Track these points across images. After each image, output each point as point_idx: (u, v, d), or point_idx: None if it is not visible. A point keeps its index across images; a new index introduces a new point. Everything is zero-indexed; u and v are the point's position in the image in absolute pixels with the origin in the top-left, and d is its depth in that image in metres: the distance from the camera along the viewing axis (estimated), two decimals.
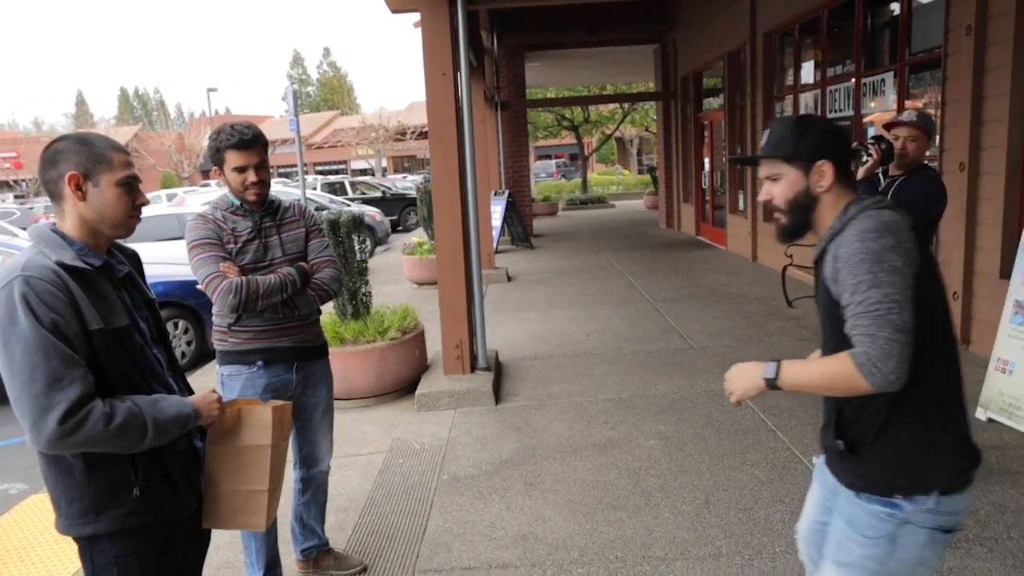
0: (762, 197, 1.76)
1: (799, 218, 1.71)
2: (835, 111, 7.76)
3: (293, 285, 2.56)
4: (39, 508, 3.77)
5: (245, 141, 2.49)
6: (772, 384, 1.65)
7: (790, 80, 9.06)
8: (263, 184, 2.55)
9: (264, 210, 2.62)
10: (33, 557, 3.28)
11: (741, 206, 10.74)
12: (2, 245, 6.43)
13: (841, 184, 1.67)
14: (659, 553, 2.98)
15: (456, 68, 5.02)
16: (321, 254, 2.70)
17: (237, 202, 2.59)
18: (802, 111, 8.68)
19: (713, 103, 12.60)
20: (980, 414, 4.07)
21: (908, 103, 6.37)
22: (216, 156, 2.52)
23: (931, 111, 5.74)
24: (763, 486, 3.50)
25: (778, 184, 1.71)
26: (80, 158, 1.64)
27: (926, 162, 3.44)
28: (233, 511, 1.86)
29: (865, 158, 3.21)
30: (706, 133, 12.98)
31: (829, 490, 1.79)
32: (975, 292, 5.20)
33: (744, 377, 1.73)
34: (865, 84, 7.06)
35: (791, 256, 7.25)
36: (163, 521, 1.70)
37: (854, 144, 3.30)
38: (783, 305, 7.15)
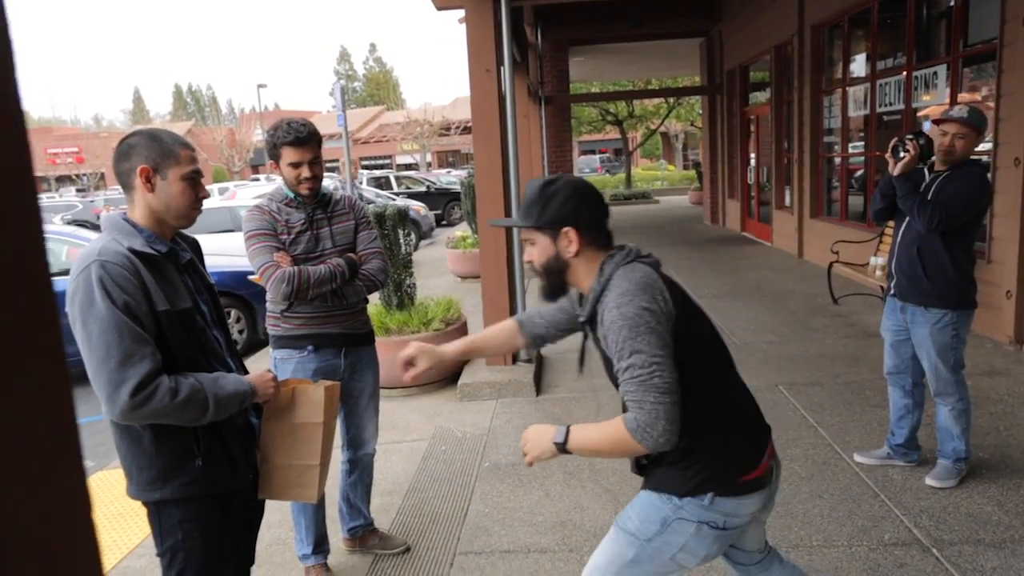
0: (525, 259, 1.86)
1: (555, 280, 1.80)
2: (886, 105, 7.61)
3: (342, 275, 2.67)
4: (106, 483, 3.99)
5: (300, 138, 2.61)
6: (562, 448, 1.71)
7: (839, 74, 8.90)
8: (316, 179, 2.67)
9: (316, 203, 2.74)
10: (101, 529, 3.48)
11: (787, 202, 10.59)
12: (69, 236, 6.76)
13: (590, 246, 1.75)
14: None
15: (500, 64, 5.10)
16: (369, 246, 2.81)
17: (291, 194, 2.71)
18: (851, 105, 8.53)
19: (760, 97, 12.43)
20: None
21: (962, 96, 6.22)
22: (273, 151, 2.65)
23: (988, 104, 5.60)
24: (802, 481, 3.50)
25: (534, 248, 1.79)
26: (151, 152, 1.78)
27: (975, 157, 3.37)
28: (287, 484, 1.99)
29: (902, 153, 3.17)
30: (752, 128, 12.81)
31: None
32: None
33: (539, 440, 1.76)
34: (917, 77, 6.90)
35: (837, 253, 7.15)
36: (223, 491, 1.83)
37: (893, 140, 3.27)
38: (829, 303, 7.05)
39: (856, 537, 2.98)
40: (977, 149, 3.35)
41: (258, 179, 31.73)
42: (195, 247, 2.03)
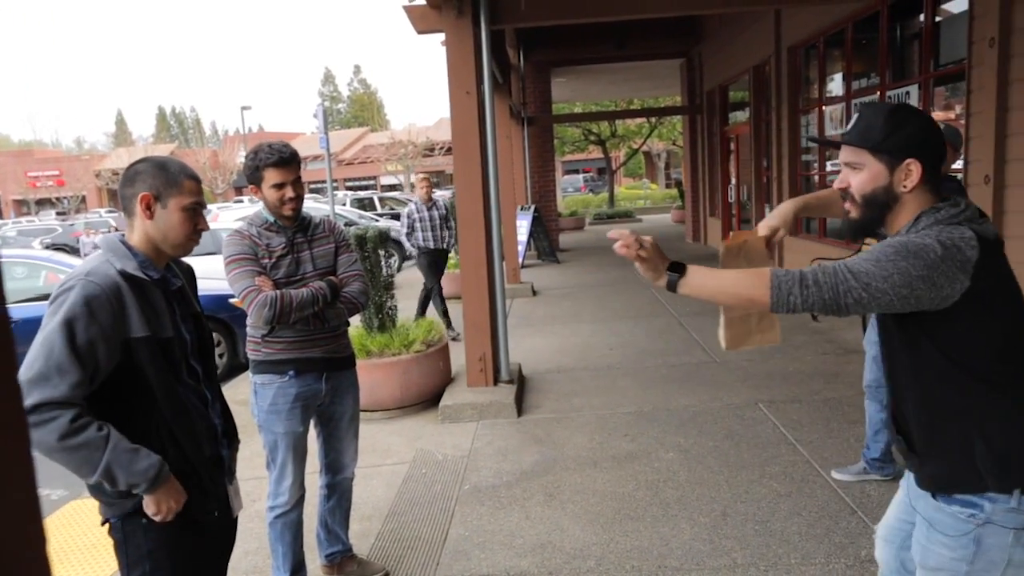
0: (838, 184, 1.66)
1: (873, 215, 1.61)
2: None
3: (324, 299, 2.67)
4: (79, 513, 3.93)
5: (284, 159, 2.62)
6: (673, 284, 1.63)
7: (815, 94, 9.05)
8: (299, 199, 2.69)
9: (297, 226, 2.75)
10: (73, 560, 3.43)
11: None
12: (46, 260, 6.71)
13: (926, 187, 1.56)
14: (675, 563, 3.02)
15: (480, 86, 5.15)
16: (350, 269, 2.81)
17: (272, 219, 2.72)
18: (827, 125, 8.67)
19: (739, 117, 12.60)
20: None
21: (936, 115, 6.34)
22: (255, 174, 2.65)
23: (960, 123, 5.72)
24: (781, 499, 3.52)
25: (858, 175, 1.60)
26: (155, 180, 1.80)
27: (951, 174, 3.45)
28: (749, 332, 2.06)
29: None
30: (732, 147, 12.97)
31: (913, 492, 1.72)
32: None
33: (657, 260, 1.67)
34: (890, 96, 7.04)
35: None
36: (190, 517, 1.82)
37: None
38: (808, 319, 7.12)
39: (834, 554, 2.99)
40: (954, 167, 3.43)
41: (241, 201, 31.66)
42: (188, 274, 2.04)
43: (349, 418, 2.96)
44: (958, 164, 5.53)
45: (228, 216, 16.79)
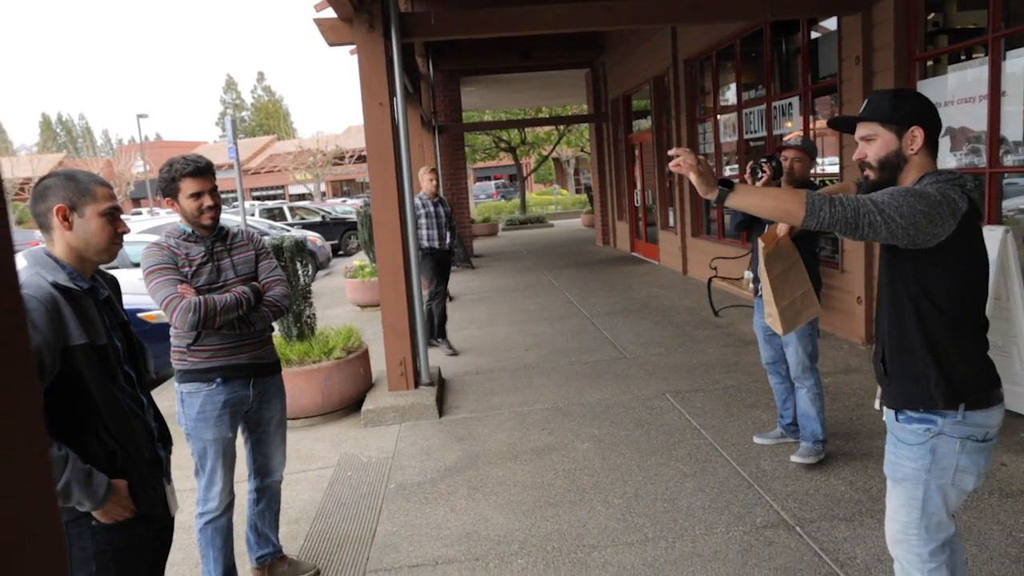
0: (856, 156, 1.99)
1: (887, 176, 1.94)
2: (751, 132, 8.32)
3: (248, 302, 2.75)
4: None
5: (200, 168, 2.69)
6: (722, 198, 1.93)
7: (710, 103, 9.64)
8: (217, 208, 2.76)
9: (215, 235, 2.81)
10: None
11: (672, 222, 11.26)
12: None
13: (927, 151, 1.92)
14: (591, 542, 3.25)
15: (392, 97, 5.28)
16: (271, 274, 2.90)
17: (189, 230, 2.78)
18: (721, 132, 9.25)
19: (642, 124, 13.18)
20: (877, 404, 4.51)
21: (819, 123, 6.93)
22: (170, 186, 2.70)
23: (822, 136, 6.29)
24: (686, 478, 3.83)
25: (872, 144, 1.94)
26: (67, 192, 1.85)
27: (811, 179, 3.90)
28: (797, 312, 2.54)
29: (760, 174, 3.63)
30: (637, 153, 13.54)
31: (889, 420, 2.11)
32: (875, 296, 5.70)
33: (706, 173, 1.94)
34: (776, 107, 7.62)
35: (716, 268, 7.72)
36: (139, 509, 1.89)
37: (750, 163, 3.72)
38: (710, 315, 7.59)
39: (733, 523, 3.30)
40: (816, 171, 3.86)
41: (140, 212, 30.24)
42: (113, 284, 2.09)
43: (277, 422, 3.04)
44: (835, 169, 6.09)
45: (131, 227, 16.06)
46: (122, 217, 1.97)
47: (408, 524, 3.57)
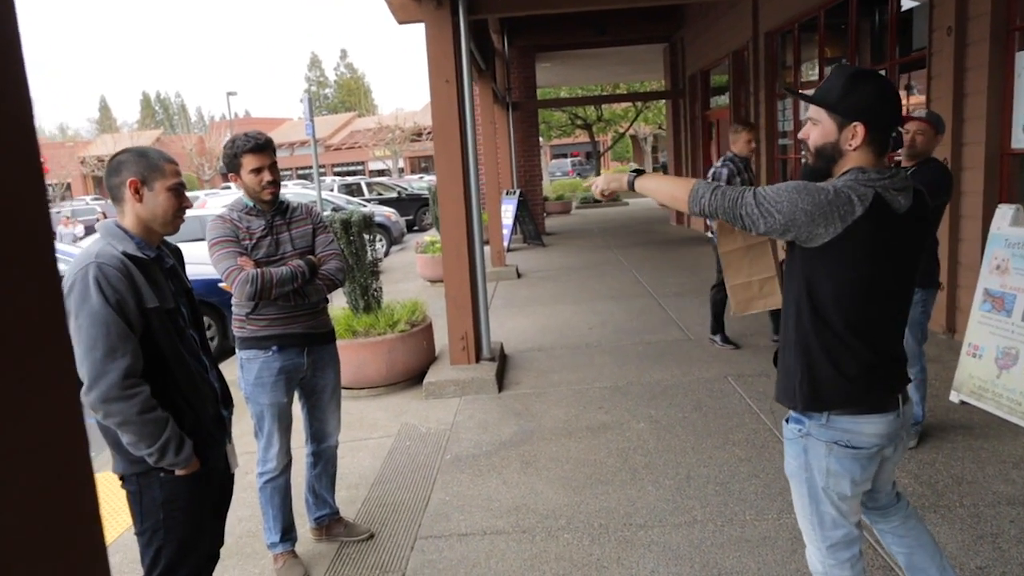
0: (801, 135, 1.93)
1: (821, 165, 1.86)
2: None
3: (303, 276, 2.86)
4: None
5: (260, 145, 2.80)
6: (631, 184, 2.08)
7: (791, 78, 9.25)
8: (276, 183, 2.87)
9: (275, 210, 2.93)
10: None
11: None
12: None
13: (869, 148, 1.78)
14: (639, 521, 3.25)
15: (459, 75, 5.31)
16: (327, 248, 3.00)
17: (251, 203, 2.90)
18: (802, 109, 8.87)
19: (720, 101, 12.78)
20: (953, 396, 4.29)
21: (911, 99, 6.55)
22: (233, 162, 2.83)
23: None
24: (741, 463, 3.76)
25: (815, 129, 1.85)
26: (138, 167, 1.99)
27: (934, 155, 3.65)
28: (751, 297, 2.34)
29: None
30: (714, 130, 13.16)
31: None
32: (959, 283, 5.40)
33: (613, 176, 2.18)
34: None
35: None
36: (205, 466, 2.05)
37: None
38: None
39: (785, 511, 3.23)
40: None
41: (229, 187, 31.56)
42: (177, 254, 2.24)
43: (331, 390, 3.16)
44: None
45: (216, 203, 16.85)
46: (185, 192, 2.10)
47: (460, 494, 3.66)
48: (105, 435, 1.99)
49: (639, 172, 2.08)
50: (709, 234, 4.60)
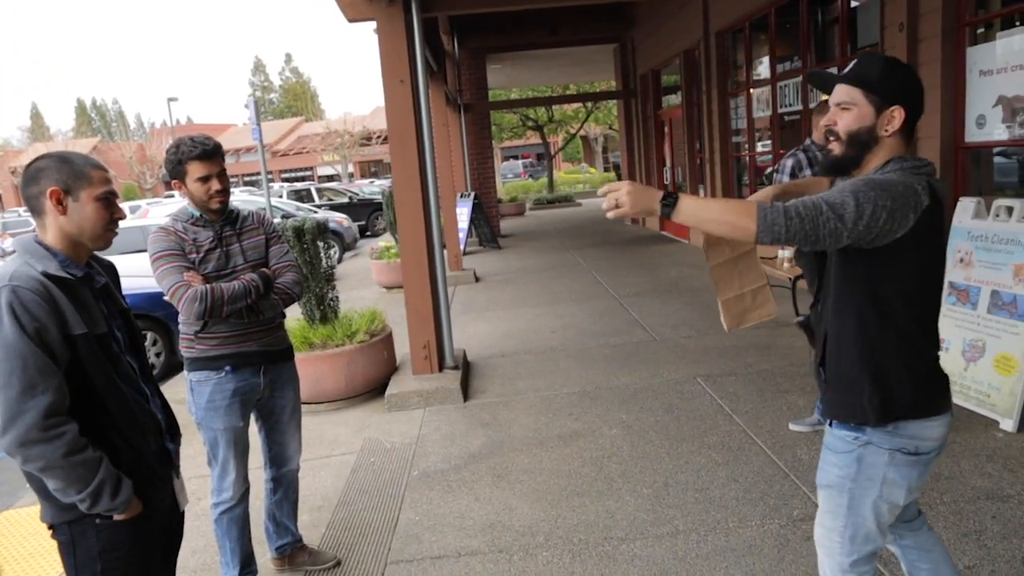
0: (825, 122, 1.78)
1: (853, 153, 1.73)
2: (786, 105, 8.01)
3: (256, 290, 2.65)
4: (13, 522, 3.81)
5: (207, 151, 2.58)
6: (667, 212, 1.67)
7: (743, 77, 9.32)
8: (226, 192, 2.65)
9: (224, 219, 2.71)
10: (12, 570, 3.33)
11: None
12: None
13: (902, 136, 1.71)
14: (619, 534, 3.13)
15: (414, 75, 5.13)
16: (282, 259, 2.80)
17: (197, 213, 2.68)
18: (755, 107, 8.94)
19: (672, 100, 12.85)
20: None
21: None
22: (177, 168, 2.60)
23: None
24: (719, 467, 3.67)
25: (847, 114, 1.72)
26: (60, 175, 1.75)
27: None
28: (745, 310, 2.16)
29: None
30: (666, 129, 13.23)
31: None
32: None
33: (643, 195, 1.69)
34: None
35: None
36: (143, 513, 1.81)
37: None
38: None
39: (768, 516, 3.15)
40: None
41: (172, 195, 30.59)
42: (111, 270, 1.99)
43: (291, 410, 2.95)
44: None
45: (159, 212, 16.22)
46: (119, 203, 1.87)
47: (431, 513, 3.48)
48: (29, 479, 1.75)
49: (671, 196, 1.69)
50: (785, 265, 4.50)
